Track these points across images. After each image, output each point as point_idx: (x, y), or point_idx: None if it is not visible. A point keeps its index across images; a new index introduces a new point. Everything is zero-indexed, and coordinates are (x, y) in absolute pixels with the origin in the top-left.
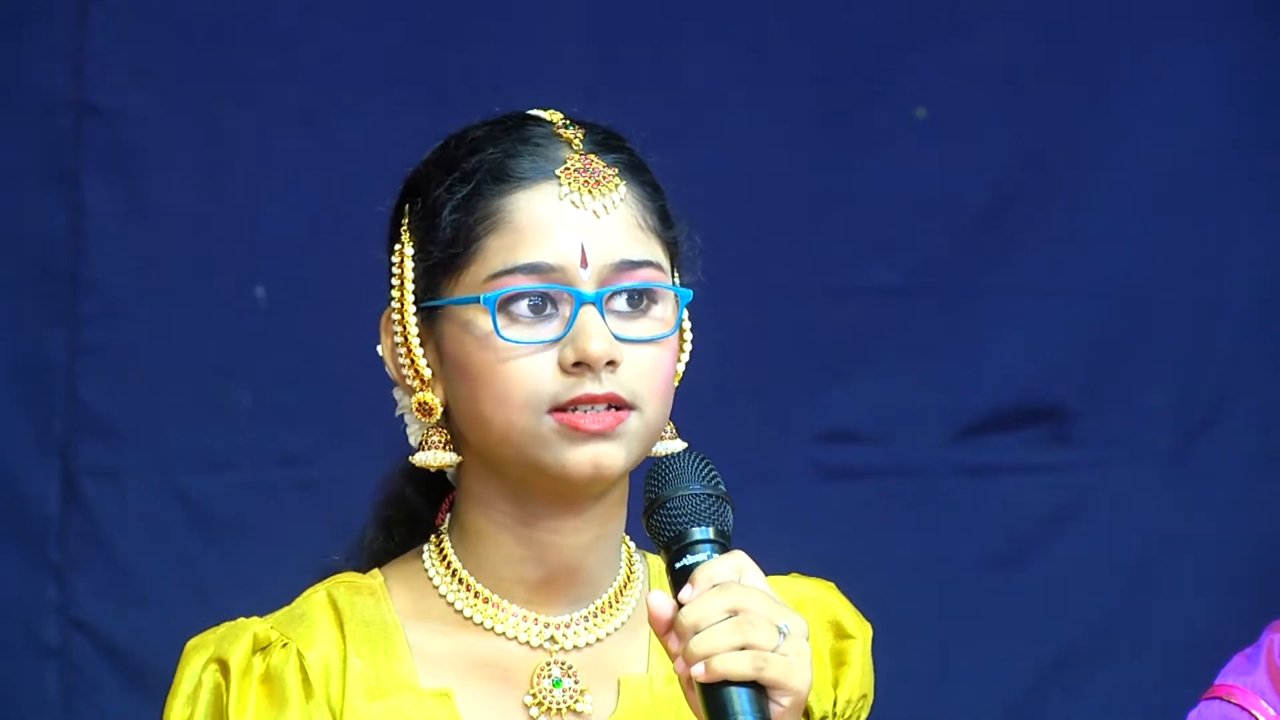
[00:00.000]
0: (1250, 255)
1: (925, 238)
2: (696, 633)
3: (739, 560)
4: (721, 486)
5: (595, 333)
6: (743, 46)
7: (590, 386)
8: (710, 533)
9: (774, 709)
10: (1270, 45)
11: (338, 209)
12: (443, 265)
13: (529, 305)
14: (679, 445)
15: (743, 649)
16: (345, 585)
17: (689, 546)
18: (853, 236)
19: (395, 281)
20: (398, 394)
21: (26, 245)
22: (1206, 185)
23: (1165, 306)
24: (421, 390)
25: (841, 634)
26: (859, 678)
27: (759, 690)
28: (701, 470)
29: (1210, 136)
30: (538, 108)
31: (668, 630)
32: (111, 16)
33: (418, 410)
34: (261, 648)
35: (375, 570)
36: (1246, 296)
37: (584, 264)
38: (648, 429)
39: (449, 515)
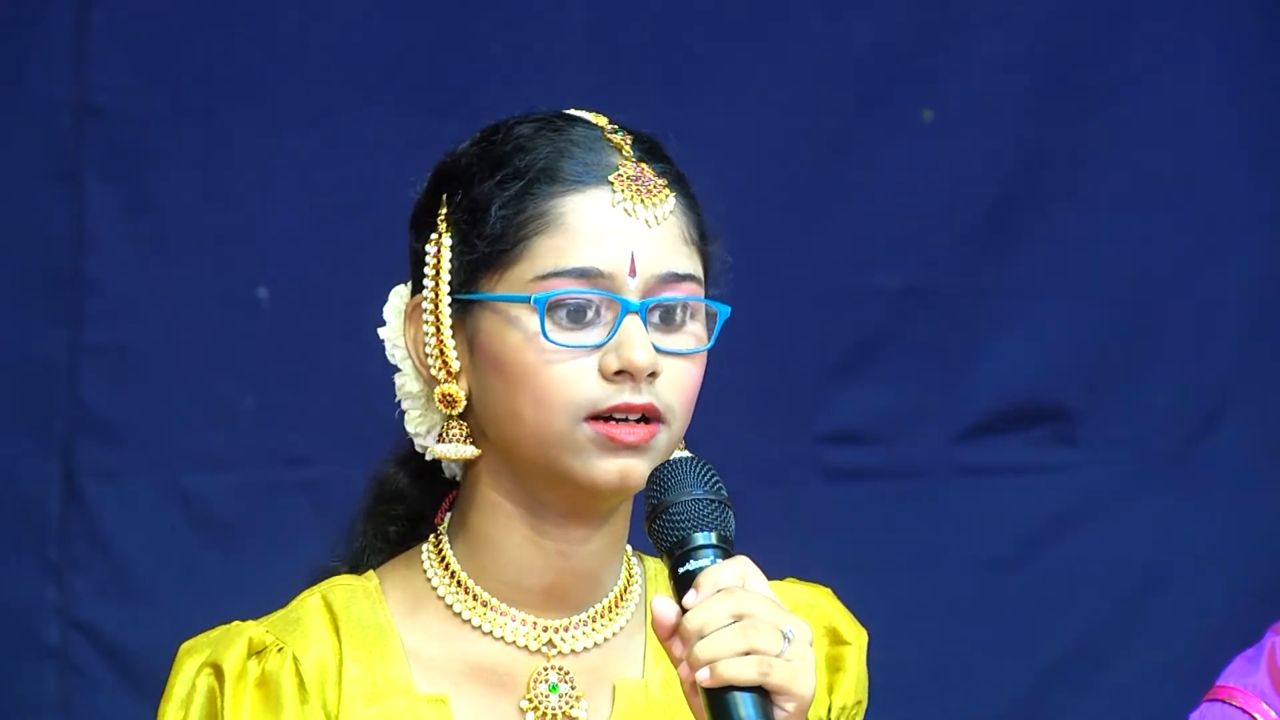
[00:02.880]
0: (1251, 255)
1: (929, 239)
2: (701, 638)
3: (743, 565)
4: (723, 491)
5: (640, 343)
6: (747, 48)
7: (630, 396)
8: (713, 538)
9: (778, 714)
10: (1272, 45)
11: (340, 210)
12: (486, 260)
13: (573, 310)
14: (684, 453)
15: (747, 654)
16: (340, 588)
17: (692, 552)
18: (857, 238)
19: (430, 271)
20: (400, 379)
21: (28, 245)
22: (1207, 185)
23: (1167, 307)
24: (447, 382)
25: (837, 640)
26: (854, 684)
27: (763, 695)
28: (703, 475)
29: (1211, 137)
30: (580, 108)
31: (671, 635)
32: (112, 17)
33: (440, 402)
34: (256, 652)
35: (370, 572)
36: (1248, 296)
37: (632, 273)
38: (672, 443)
39: (449, 515)
